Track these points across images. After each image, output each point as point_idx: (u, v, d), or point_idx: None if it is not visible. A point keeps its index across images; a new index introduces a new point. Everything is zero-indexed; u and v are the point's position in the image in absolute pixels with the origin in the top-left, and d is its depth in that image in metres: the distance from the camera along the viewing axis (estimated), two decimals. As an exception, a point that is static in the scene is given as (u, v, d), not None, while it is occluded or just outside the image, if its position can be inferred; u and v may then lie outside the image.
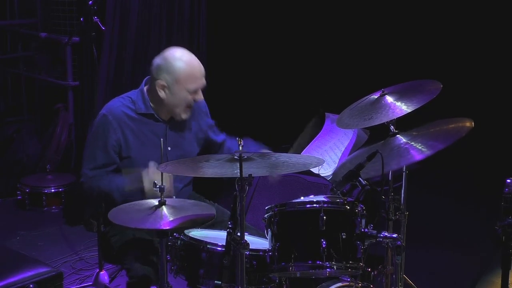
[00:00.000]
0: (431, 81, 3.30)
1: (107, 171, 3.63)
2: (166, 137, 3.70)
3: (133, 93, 3.74)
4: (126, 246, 3.61)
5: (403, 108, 3.17)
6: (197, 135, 3.85)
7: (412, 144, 3.06)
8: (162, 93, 3.62)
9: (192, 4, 5.86)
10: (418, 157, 2.97)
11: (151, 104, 3.68)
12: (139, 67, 5.72)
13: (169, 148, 3.70)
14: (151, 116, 3.69)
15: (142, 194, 3.41)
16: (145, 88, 3.71)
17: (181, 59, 3.61)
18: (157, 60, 3.65)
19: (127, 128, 3.64)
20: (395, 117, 3.16)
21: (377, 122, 3.18)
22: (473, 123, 3.01)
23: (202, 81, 3.66)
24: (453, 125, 3.09)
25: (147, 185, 3.42)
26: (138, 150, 3.64)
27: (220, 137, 3.97)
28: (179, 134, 3.77)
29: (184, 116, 3.68)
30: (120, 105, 3.68)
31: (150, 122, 3.69)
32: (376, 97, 3.30)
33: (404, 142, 3.10)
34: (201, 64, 3.67)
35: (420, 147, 3.01)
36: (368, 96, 3.35)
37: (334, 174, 3.45)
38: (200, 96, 3.66)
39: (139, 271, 3.46)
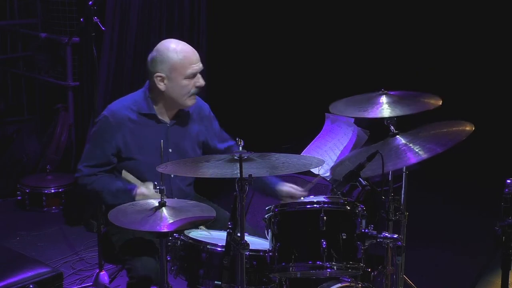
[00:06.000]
0: (432, 95, 3.32)
1: (103, 170, 3.66)
2: (168, 139, 3.70)
3: (136, 94, 3.75)
4: (127, 245, 3.61)
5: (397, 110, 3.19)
6: (198, 139, 3.83)
7: (410, 146, 3.05)
8: (161, 85, 3.62)
9: (192, 4, 5.86)
10: (413, 159, 2.97)
11: (154, 104, 3.69)
12: (139, 67, 5.71)
13: (170, 150, 3.70)
14: (153, 117, 3.69)
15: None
16: (147, 88, 3.72)
17: (173, 47, 3.63)
18: (151, 54, 3.68)
19: (128, 130, 3.64)
20: (389, 115, 3.18)
21: (371, 115, 3.19)
22: (473, 128, 3.01)
23: (199, 65, 3.66)
24: (453, 129, 3.09)
25: (139, 198, 3.49)
26: (140, 152, 3.65)
27: (223, 145, 3.92)
28: (181, 136, 3.76)
29: (190, 103, 3.68)
30: (122, 107, 3.68)
31: (152, 123, 3.69)
32: (374, 94, 3.33)
33: (403, 143, 3.10)
34: (194, 50, 3.67)
35: (417, 150, 3.01)
36: (368, 93, 3.38)
37: (332, 170, 3.44)
38: (200, 81, 3.66)
39: (140, 271, 3.47)
